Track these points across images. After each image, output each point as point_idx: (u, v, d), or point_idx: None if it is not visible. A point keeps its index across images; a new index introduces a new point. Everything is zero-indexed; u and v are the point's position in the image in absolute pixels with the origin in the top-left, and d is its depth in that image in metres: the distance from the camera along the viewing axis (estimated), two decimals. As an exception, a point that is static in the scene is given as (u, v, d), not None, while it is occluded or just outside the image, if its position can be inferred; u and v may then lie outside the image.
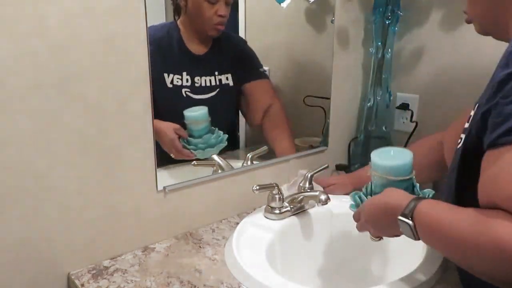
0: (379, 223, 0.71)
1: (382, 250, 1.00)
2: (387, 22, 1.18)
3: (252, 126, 1.17)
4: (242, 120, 1.17)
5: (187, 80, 1.01)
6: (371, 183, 0.79)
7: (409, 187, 0.75)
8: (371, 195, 0.78)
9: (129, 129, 0.82)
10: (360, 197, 0.81)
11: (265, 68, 1.17)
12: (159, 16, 0.96)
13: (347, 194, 1.07)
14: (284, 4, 1.13)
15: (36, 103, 0.71)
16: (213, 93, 1.05)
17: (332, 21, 1.17)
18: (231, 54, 1.10)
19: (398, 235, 0.68)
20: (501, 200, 0.50)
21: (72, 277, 0.79)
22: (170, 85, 0.99)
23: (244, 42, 1.11)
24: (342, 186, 1.11)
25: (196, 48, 1.02)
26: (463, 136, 0.65)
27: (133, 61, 0.80)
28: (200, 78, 1.02)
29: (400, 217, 0.62)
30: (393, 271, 0.97)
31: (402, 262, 0.88)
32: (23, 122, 0.70)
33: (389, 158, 0.75)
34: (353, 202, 0.82)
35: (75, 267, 0.81)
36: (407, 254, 0.87)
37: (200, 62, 1.04)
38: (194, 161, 1.02)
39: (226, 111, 1.13)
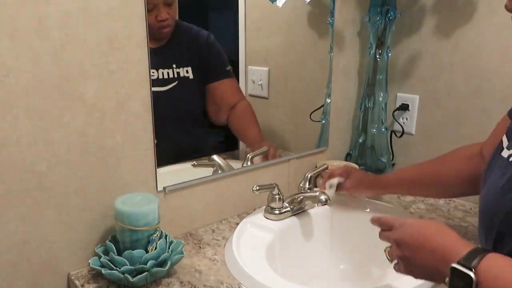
0: (419, 261, 0.60)
1: (382, 250, 1.00)
2: (382, 23, 1.18)
3: (216, 123, 1.16)
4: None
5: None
6: None
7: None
8: None
9: (129, 129, 0.82)
10: None
11: (264, 68, 1.17)
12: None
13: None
14: (279, 3, 1.12)
15: (36, 103, 0.71)
16: (171, 85, 1.04)
17: (329, 22, 1.18)
18: (193, 47, 1.09)
19: (437, 282, 0.57)
20: None
21: (72, 277, 0.79)
22: None
23: (209, 37, 1.09)
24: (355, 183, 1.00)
25: (153, 42, 0.98)
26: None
27: (133, 61, 0.80)
28: (157, 71, 1.01)
29: (458, 266, 0.50)
30: (393, 271, 0.96)
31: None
32: (23, 122, 0.70)
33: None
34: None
35: (75, 267, 0.81)
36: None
37: (155, 54, 1.01)
38: (194, 162, 1.02)
39: (187, 104, 1.11)
